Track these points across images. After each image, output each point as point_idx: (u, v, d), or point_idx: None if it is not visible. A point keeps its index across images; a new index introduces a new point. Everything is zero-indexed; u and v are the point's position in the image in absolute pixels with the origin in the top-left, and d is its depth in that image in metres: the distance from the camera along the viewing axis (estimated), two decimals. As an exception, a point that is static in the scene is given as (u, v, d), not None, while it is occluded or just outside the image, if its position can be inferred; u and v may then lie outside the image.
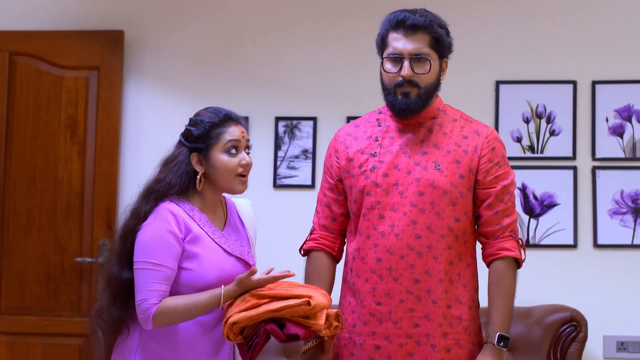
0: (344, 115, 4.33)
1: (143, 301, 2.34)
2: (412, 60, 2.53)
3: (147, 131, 4.45)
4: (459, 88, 4.27)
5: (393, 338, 2.51)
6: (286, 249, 4.10)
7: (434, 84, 2.58)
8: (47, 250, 4.36)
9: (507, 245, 2.55)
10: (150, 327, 2.35)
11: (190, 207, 2.45)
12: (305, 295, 2.32)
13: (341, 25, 4.41)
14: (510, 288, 2.55)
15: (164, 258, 2.36)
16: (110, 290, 2.44)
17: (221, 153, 2.45)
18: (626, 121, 4.18)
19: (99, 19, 4.50)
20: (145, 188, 2.47)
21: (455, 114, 2.66)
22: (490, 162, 2.57)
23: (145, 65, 4.49)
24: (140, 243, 2.38)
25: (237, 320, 2.30)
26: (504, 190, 2.57)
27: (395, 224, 2.52)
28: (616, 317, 4.10)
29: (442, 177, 2.53)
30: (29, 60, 4.44)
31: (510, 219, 2.57)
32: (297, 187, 4.33)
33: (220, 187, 2.49)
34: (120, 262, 2.43)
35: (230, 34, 4.47)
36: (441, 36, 2.56)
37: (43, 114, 4.41)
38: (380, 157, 2.58)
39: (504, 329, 2.53)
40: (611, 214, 4.14)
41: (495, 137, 2.61)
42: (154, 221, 2.39)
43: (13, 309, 4.36)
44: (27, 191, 4.39)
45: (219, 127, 2.46)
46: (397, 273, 2.51)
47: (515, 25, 4.31)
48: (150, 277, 2.35)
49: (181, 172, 2.44)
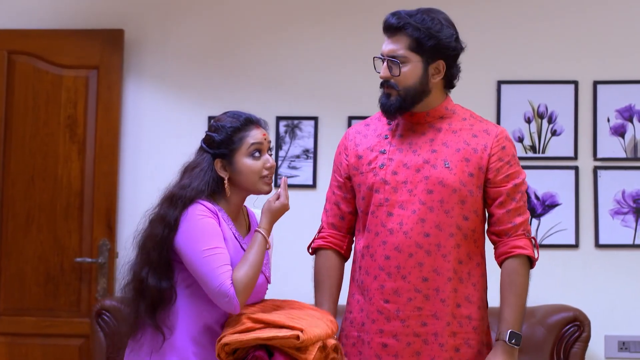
0: (346, 115, 4.32)
1: (220, 286, 2.31)
2: (388, 62, 2.55)
3: (147, 130, 4.43)
4: (460, 88, 4.20)
5: (401, 336, 2.51)
6: (288, 249, 4.10)
7: (415, 86, 2.55)
8: (46, 251, 4.33)
9: (520, 244, 2.55)
10: (237, 307, 2.32)
11: (218, 208, 2.45)
12: (298, 327, 2.30)
13: (343, 24, 4.41)
14: (523, 286, 2.55)
15: (216, 241, 2.35)
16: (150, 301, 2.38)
17: (245, 157, 2.45)
18: (627, 121, 4.18)
19: (99, 17, 4.47)
20: (168, 195, 2.45)
21: (465, 113, 2.66)
22: (501, 161, 2.56)
23: (145, 65, 4.46)
24: (185, 241, 2.36)
25: (229, 342, 2.31)
26: (515, 189, 2.56)
27: (404, 221, 2.52)
28: (618, 317, 4.11)
29: (451, 175, 2.53)
30: (27, 59, 4.41)
31: (522, 218, 2.56)
32: (298, 187, 4.31)
33: (247, 189, 2.49)
34: (158, 273, 2.38)
35: (230, 33, 4.46)
36: (421, 38, 2.52)
37: (42, 113, 4.38)
38: (389, 155, 2.58)
39: (516, 326, 2.52)
40: (613, 214, 4.14)
41: (505, 136, 2.61)
42: (190, 217, 2.38)
43: (12, 310, 4.33)
44: (26, 191, 4.36)
45: (241, 131, 2.46)
46: (406, 271, 2.51)
47: (517, 25, 4.31)
48: (213, 263, 2.32)
49: (207, 178, 2.44)
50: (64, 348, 4.29)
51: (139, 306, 2.39)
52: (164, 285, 2.38)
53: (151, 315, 2.37)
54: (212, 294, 2.33)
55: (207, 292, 2.34)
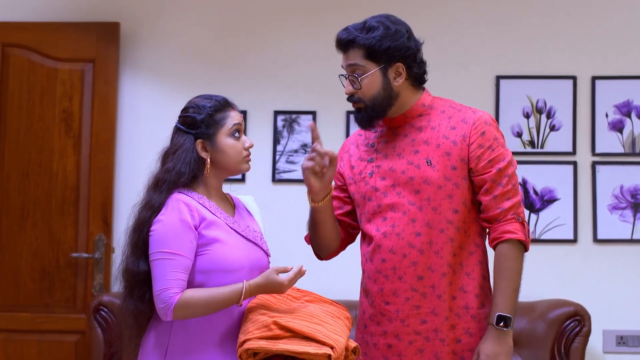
0: (344, 110, 4.31)
1: (163, 290, 2.31)
2: (349, 77, 2.56)
3: (143, 124, 4.39)
4: (459, 83, 4.29)
5: (402, 336, 2.54)
6: (285, 244, 4.08)
7: (380, 94, 2.55)
8: (41, 246, 4.28)
9: (509, 228, 2.53)
10: (169, 318, 2.32)
11: (199, 195, 2.45)
12: (328, 344, 2.26)
13: (340, 18, 4.33)
14: (513, 270, 2.52)
15: (180, 247, 2.34)
16: (127, 282, 2.42)
17: (226, 137, 2.47)
18: (626, 117, 4.20)
19: (95, 10, 4.42)
20: (154, 180, 2.46)
21: (443, 105, 2.64)
22: (481, 147, 2.54)
23: (141, 58, 4.42)
24: (155, 235, 2.36)
25: (256, 349, 2.27)
26: (500, 174, 2.53)
27: (396, 223, 2.55)
28: (616, 311, 4.13)
29: (434, 172, 2.53)
30: (22, 52, 4.36)
31: (511, 202, 2.53)
32: (296, 182, 4.29)
33: (228, 169, 2.50)
34: (136, 254, 2.40)
35: (228, 26, 4.43)
36: (372, 45, 2.52)
37: (37, 107, 4.33)
38: (377, 162, 2.62)
39: (504, 309, 2.49)
40: (611, 209, 4.16)
41: (484, 121, 2.56)
42: (166, 212, 2.37)
43: (7, 306, 4.28)
44: (21, 186, 4.31)
45: (222, 111, 2.48)
46: (401, 272, 2.54)
47: (515, 20, 4.31)
48: (168, 267, 2.32)
49: (189, 159, 2.44)
50: (59, 344, 4.25)
51: (132, 292, 2.41)
52: (142, 268, 2.38)
53: (139, 300, 2.39)
54: (154, 295, 2.33)
55: (153, 291, 2.34)
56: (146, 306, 2.41)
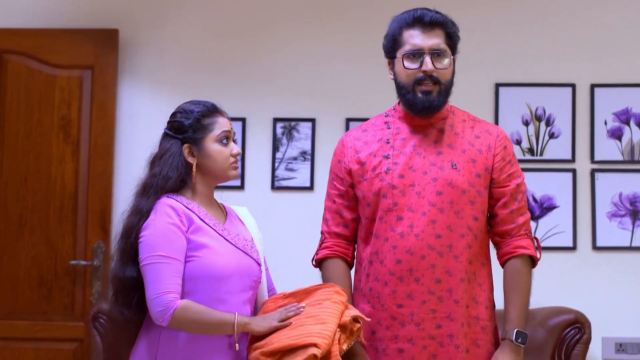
0: (343, 117, 4.31)
1: (161, 294, 2.28)
2: (432, 55, 2.54)
3: (142, 131, 4.38)
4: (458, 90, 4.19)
5: (416, 340, 2.49)
6: (285, 252, 4.08)
7: (452, 80, 2.60)
8: (39, 253, 4.25)
9: (523, 244, 2.56)
10: (166, 322, 2.29)
11: (188, 201, 2.44)
12: (310, 343, 2.26)
13: (340, 25, 4.39)
14: (527, 285, 2.56)
15: (173, 251, 2.33)
16: (114, 289, 2.42)
17: (214, 142, 2.46)
18: (624, 124, 4.21)
19: (93, 17, 4.41)
20: (141, 185, 2.46)
21: (463, 115, 2.68)
22: (504, 161, 2.59)
23: (140, 65, 4.41)
24: (145, 240, 2.34)
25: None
26: (517, 189, 2.58)
27: (415, 224, 2.51)
28: (615, 318, 4.13)
29: (460, 176, 2.53)
30: (20, 59, 4.34)
31: (524, 218, 2.59)
32: (295, 189, 4.29)
33: (215, 175, 2.48)
34: (123, 259, 2.39)
35: (226, 33, 4.42)
36: (455, 33, 2.59)
37: (35, 114, 4.31)
38: (393, 159, 2.57)
39: (521, 325, 2.52)
40: (610, 216, 4.17)
41: (505, 136, 2.64)
42: (155, 217, 2.36)
43: (4, 314, 4.24)
44: (19, 192, 4.28)
45: (209, 116, 2.48)
46: (419, 274, 2.49)
47: (514, 28, 4.32)
48: (164, 270, 2.30)
49: (176, 163, 2.43)
50: (57, 352, 4.22)
51: (117, 299, 2.40)
52: (128, 273, 2.37)
53: (124, 306, 2.38)
54: (150, 299, 2.30)
55: (146, 295, 2.31)
56: (132, 313, 2.39)
